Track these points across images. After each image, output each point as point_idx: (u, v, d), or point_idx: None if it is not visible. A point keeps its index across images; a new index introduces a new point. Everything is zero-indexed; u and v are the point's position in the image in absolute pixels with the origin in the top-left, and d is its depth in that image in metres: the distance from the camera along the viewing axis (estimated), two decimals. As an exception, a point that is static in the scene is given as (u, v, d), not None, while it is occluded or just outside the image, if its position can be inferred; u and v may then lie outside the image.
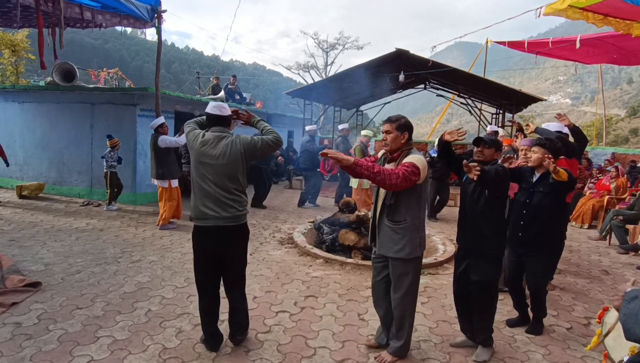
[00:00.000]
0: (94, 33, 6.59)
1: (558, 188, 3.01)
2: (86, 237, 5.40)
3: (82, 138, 8.06)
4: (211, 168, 2.67)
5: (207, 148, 2.68)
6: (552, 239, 3.18)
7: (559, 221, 3.20)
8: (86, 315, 3.21)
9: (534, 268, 3.18)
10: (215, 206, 2.66)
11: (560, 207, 3.15)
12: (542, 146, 3.10)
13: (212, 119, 2.80)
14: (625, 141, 43.30)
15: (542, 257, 3.15)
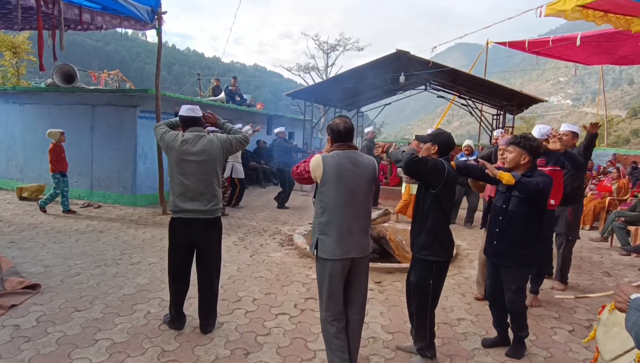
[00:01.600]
0: (95, 35, 6.59)
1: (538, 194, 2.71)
2: (86, 239, 5.39)
3: (83, 139, 8.05)
4: (192, 164, 2.92)
5: (188, 146, 2.93)
6: (529, 250, 2.82)
7: (536, 231, 2.85)
8: (85, 317, 3.20)
9: (508, 281, 2.87)
10: (194, 200, 2.93)
11: (538, 214, 2.80)
12: (517, 144, 2.81)
13: (189, 120, 3.06)
14: (626, 142, 43.24)
15: (518, 269, 2.85)
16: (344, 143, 2.51)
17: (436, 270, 2.65)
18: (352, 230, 2.46)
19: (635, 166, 10.59)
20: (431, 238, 2.62)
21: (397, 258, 5.07)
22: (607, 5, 3.72)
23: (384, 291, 4.07)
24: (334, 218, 2.44)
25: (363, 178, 2.48)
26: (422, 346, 2.72)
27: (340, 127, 2.49)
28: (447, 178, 2.57)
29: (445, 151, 2.73)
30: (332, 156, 2.47)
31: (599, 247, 6.43)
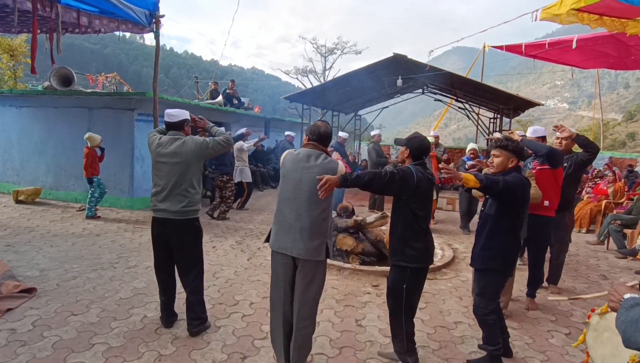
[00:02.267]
0: (93, 38, 6.59)
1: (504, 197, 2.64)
2: (82, 242, 5.37)
3: (80, 142, 8.00)
4: (165, 165, 3.01)
5: (162, 148, 3.04)
6: (496, 252, 2.72)
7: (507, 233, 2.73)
8: (81, 321, 3.18)
9: (476, 284, 2.84)
10: (166, 201, 2.99)
11: (508, 215, 2.71)
12: (504, 148, 2.77)
13: (167, 125, 3.19)
14: (622, 146, 43.50)
15: (484, 272, 2.78)
16: (313, 143, 2.56)
17: (410, 275, 2.61)
18: (291, 227, 2.46)
19: (631, 170, 10.66)
20: (401, 244, 2.60)
21: (395, 262, 5.07)
22: (602, 8, 3.75)
23: (381, 294, 4.07)
24: (279, 210, 2.53)
25: (314, 177, 2.39)
26: (401, 350, 2.69)
27: (322, 130, 2.56)
28: (418, 185, 2.52)
29: (418, 156, 2.68)
30: (296, 151, 2.58)
31: (595, 250, 6.45)
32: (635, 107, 64.38)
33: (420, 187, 2.54)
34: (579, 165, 4.02)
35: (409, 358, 2.67)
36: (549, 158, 3.62)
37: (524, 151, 2.86)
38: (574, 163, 4.01)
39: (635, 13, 3.81)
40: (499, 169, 2.79)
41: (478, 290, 2.81)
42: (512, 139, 2.81)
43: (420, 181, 2.53)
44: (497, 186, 2.58)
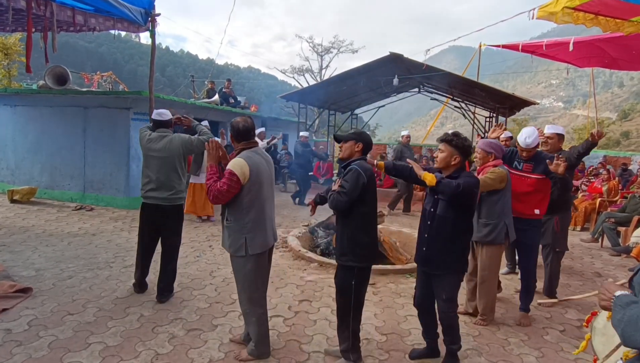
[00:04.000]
0: (88, 36, 6.55)
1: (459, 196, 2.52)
2: (78, 242, 5.35)
3: (75, 142, 7.99)
4: (155, 159, 3.52)
5: (152, 143, 3.56)
6: (458, 255, 2.66)
7: (465, 235, 2.68)
8: (77, 321, 3.17)
9: (438, 290, 2.72)
10: (156, 189, 3.52)
11: (466, 218, 2.65)
12: (448, 143, 2.61)
13: (156, 123, 3.70)
14: (616, 144, 43.83)
15: (448, 277, 2.69)
16: (249, 141, 2.72)
17: (358, 273, 2.62)
18: (273, 221, 2.83)
19: (625, 168, 10.74)
20: (352, 243, 2.58)
21: (391, 260, 5.09)
22: (598, 7, 3.77)
23: (377, 293, 4.08)
24: (261, 213, 2.68)
25: (272, 173, 2.83)
26: (345, 348, 2.68)
27: (240, 125, 2.67)
28: (365, 187, 2.53)
29: (367, 151, 2.70)
30: (250, 156, 2.63)
31: (589, 248, 6.51)
32: (629, 106, 64.88)
33: (368, 187, 2.56)
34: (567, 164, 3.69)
35: (351, 356, 2.68)
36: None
37: (470, 149, 2.64)
38: None
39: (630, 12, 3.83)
40: (441, 165, 2.67)
41: (446, 296, 2.68)
42: (459, 136, 2.64)
43: (370, 179, 2.56)
44: (450, 188, 2.49)
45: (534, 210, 3.57)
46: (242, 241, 2.61)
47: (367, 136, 2.74)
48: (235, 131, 2.68)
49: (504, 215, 3.29)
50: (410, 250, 5.61)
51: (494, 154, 3.35)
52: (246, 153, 2.65)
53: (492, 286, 3.42)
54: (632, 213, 6.35)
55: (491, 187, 3.19)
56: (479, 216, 3.32)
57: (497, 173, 3.20)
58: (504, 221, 3.28)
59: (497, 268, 3.44)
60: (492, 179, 3.17)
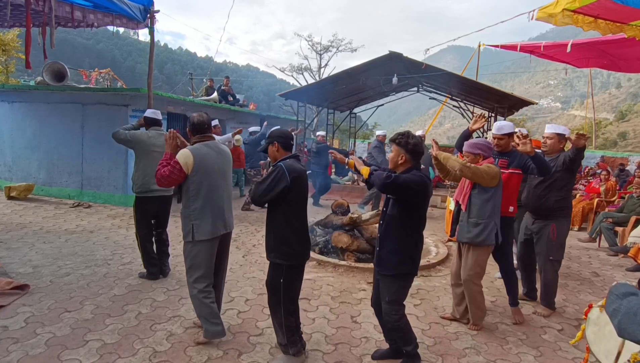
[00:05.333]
0: (86, 33, 6.52)
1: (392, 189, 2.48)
2: (76, 239, 5.32)
3: (73, 138, 7.95)
4: (158, 154, 3.80)
5: (153, 140, 4.00)
6: (403, 257, 2.58)
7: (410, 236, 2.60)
8: (75, 318, 3.16)
9: (383, 291, 2.66)
10: None
11: (411, 217, 2.57)
12: (396, 143, 2.57)
13: (152, 121, 4.15)
14: (613, 145, 43.98)
15: (392, 278, 2.63)
16: (204, 135, 2.91)
17: (286, 271, 2.61)
18: (223, 210, 2.92)
19: (623, 168, 10.79)
20: (278, 242, 2.59)
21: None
22: (597, 10, 3.76)
23: (376, 291, 4.08)
24: (208, 202, 2.82)
25: (227, 164, 2.97)
26: (282, 342, 2.70)
27: (195, 120, 2.90)
28: (293, 185, 2.51)
29: (287, 146, 2.68)
30: (197, 148, 2.83)
31: (587, 248, 6.53)
32: (626, 107, 65.13)
33: (294, 182, 2.52)
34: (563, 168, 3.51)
35: (290, 350, 2.68)
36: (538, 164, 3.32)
37: (418, 148, 2.54)
38: (556, 165, 3.54)
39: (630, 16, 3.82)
40: (391, 166, 2.64)
41: (389, 298, 2.61)
42: (405, 135, 2.57)
43: (297, 176, 2.53)
44: (380, 179, 2.44)
45: (509, 208, 3.45)
46: (189, 228, 2.81)
47: (278, 132, 2.71)
48: (191, 125, 2.92)
49: (494, 215, 3.17)
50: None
51: (482, 154, 3.22)
52: (197, 145, 2.86)
53: (478, 290, 3.25)
54: (629, 213, 6.37)
55: (482, 179, 3.04)
56: (469, 215, 3.19)
57: (492, 168, 3.10)
58: (494, 221, 3.16)
59: (482, 271, 3.25)
60: (486, 172, 3.04)
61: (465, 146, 3.28)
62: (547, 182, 3.56)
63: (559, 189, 3.55)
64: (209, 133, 2.94)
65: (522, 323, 3.48)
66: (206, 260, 2.85)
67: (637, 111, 58.38)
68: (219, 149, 2.96)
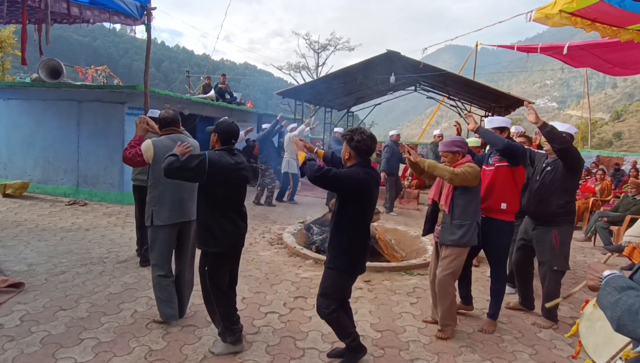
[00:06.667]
0: (82, 30, 6.47)
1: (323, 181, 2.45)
2: (71, 237, 5.30)
3: (69, 136, 7.91)
4: None
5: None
6: (338, 252, 2.57)
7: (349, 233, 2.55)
8: (70, 316, 3.15)
9: (321, 282, 2.67)
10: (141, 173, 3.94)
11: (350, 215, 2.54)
12: (344, 139, 2.57)
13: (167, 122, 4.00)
14: (609, 144, 44.22)
15: (327, 271, 2.63)
16: (170, 128, 3.14)
17: (210, 258, 2.67)
18: (182, 199, 3.05)
19: (618, 168, 10.85)
20: (202, 229, 2.67)
21: (386, 257, 5.11)
22: (595, 13, 3.76)
23: (372, 289, 4.09)
24: (167, 190, 2.98)
25: None
26: (221, 331, 2.77)
27: (162, 116, 3.15)
28: (211, 170, 2.55)
29: (226, 140, 2.73)
30: (160, 139, 3.05)
31: (582, 247, 6.57)
32: (622, 107, 65.47)
33: (214, 173, 2.55)
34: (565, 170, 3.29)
35: (228, 338, 2.73)
36: (505, 153, 3.23)
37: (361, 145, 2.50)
38: (557, 167, 3.33)
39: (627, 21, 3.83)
40: (344, 161, 2.64)
41: (321, 290, 2.62)
42: (352, 131, 2.57)
43: (214, 166, 2.56)
44: (311, 170, 2.44)
45: (501, 204, 3.28)
46: (149, 213, 3.00)
47: (223, 125, 2.75)
48: (158, 120, 3.21)
49: (477, 215, 3.09)
50: (405, 248, 5.63)
51: (461, 151, 3.10)
52: (162, 137, 3.09)
53: (451, 292, 3.10)
54: (624, 212, 6.41)
55: (468, 181, 2.95)
56: (452, 217, 3.03)
57: (474, 167, 2.99)
58: (476, 220, 3.07)
59: (458, 271, 3.12)
60: (470, 173, 2.93)
61: (442, 146, 3.15)
62: (549, 185, 3.35)
63: (561, 193, 3.32)
64: (173, 127, 3.17)
65: (491, 333, 3.30)
66: (162, 245, 3.02)
67: (633, 111, 58.72)
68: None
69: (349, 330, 2.66)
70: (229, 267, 2.79)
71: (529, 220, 3.59)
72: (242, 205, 2.85)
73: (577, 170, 3.37)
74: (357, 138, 2.51)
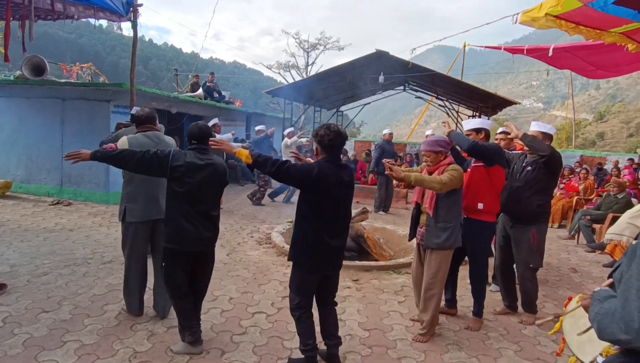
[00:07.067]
0: (68, 27, 6.34)
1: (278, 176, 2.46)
2: (55, 238, 5.19)
3: (52, 134, 7.76)
4: None
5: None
6: (301, 249, 2.53)
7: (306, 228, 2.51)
8: (53, 318, 3.08)
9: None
10: None
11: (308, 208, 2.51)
12: (313, 135, 2.61)
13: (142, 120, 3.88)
14: (592, 144, 45.12)
15: (293, 267, 2.62)
16: (146, 126, 3.17)
17: (167, 254, 2.70)
18: (156, 197, 3.07)
19: (601, 168, 11.09)
20: (168, 226, 2.69)
21: (375, 256, 5.13)
22: (578, 17, 3.83)
23: (361, 289, 4.10)
24: (141, 187, 3.02)
25: None
26: (179, 328, 2.77)
27: (136, 113, 3.24)
28: (173, 167, 2.60)
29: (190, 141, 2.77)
30: (136, 136, 3.08)
31: (566, 244, 6.69)
32: (605, 108, 66.90)
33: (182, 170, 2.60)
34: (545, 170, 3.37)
35: (185, 337, 2.71)
36: (472, 154, 3.29)
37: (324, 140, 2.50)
38: (538, 167, 3.39)
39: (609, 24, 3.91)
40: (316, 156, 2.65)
41: (289, 284, 2.66)
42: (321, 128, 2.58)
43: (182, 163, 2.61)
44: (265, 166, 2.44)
45: (478, 205, 3.31)
46: (122, 209, 3.06)
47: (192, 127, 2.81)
48: (135, 118, 3.27)
49: (460, 216, 3.10)
50: (393, 246, 5.66)
51: (443, 151, 3.08)
52: (137, 134, 3.14)
53: (438, 297, 3.10)
54: (606, 210, 6.55)
55: (455, 186, 2.93)
56: (436, 220, 3.00)
57: (458, 170, 2.98)
58: (459, 222, 3.07)
59: (445, 274, 3.11)
60: (456, 177, 2.91)
61: (425, 145, 3.12)
62: (529, 185, 3.39)
63: (541, 193, 3.38)
64: (149, 125, 3.20)
65: (477, 330, 3.34)
66: (132, 240, 3.08)
67: (615, 112, 60.05)
68: (159, 140, 3.15)
69: (307, 340, 2.58)
70: (188, 267, 2.74)
71: (506, 219, 3.61)
72: (209, 208, 2.74)
73: (558, 171, 3.49)
74: (321, 133, 2.53)
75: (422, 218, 3.15)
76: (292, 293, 2.62)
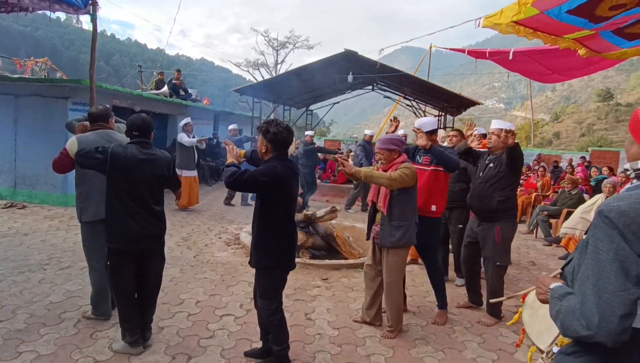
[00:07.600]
0: (22, 19, 5.97)
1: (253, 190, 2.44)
2: (7, 243, 4.88)
3: (5, 133, 7.29)
4: None
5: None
6: (265, 251, 2.49)
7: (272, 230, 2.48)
8: (7, 328, 2.90)
9: (255, 285, 2.63)
10: None
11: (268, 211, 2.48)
12: (260, 132, 2.48)
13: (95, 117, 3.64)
14: (549, 143, 47.46)
15: (259, 272, 2.56)
16: (98, 124, 3.10)
17: (114, 255, 2.67)
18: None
19: (556, 165, 11.70)
20: (109, 225, 2.66)
21: (344, 255, 5.16)
22: (536, 23, 4.04)
23: (330, 287, 4.12)
24: (93, 186, 2.94)
25: None
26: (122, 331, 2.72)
27: (90, 111, 3.22)
28: (112, 162, 2.56)
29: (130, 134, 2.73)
30: (86, 135, 3.01)
31: (525, 239, 7.02)
32: (560, 109, 70.57)
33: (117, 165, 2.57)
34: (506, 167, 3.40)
35: (125, 338, 2.68)
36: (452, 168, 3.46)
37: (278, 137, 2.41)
38: (499, 163, 3.45)
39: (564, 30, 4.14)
40: (260, 155, 2.57)
41: (259, 291, 2.56)
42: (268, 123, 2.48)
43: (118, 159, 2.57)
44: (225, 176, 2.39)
45: (431, 207, 3.42)
46: (78, 210, 3.03)
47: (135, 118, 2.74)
48: (88, 116, 3.21)
49: (415, 215, 3.11)
50: (362, 245, 5.72)
51: (397, 149, 3.08)
52: (88, 133, 3.05)
53: (398, 293, 3.17)
54: (561, 206, 6.92)
55: (406, 184, 2.94)
56: (390, 219, 3.02)
57: (410, 168, 2.99)
58: (414, 220, 3.09)
59: (403, 271, 3.18)
60: (407, 175, 2.93)
61: (380, 143, 3.11)
62: (490, 181, 3.43)
63: (502, 189, 3.40)
64: (101, 123, 3.11)
65: (443, 325, 3.42)
66: (90, 240, 3.03)
67: (569, 113, 63.41)
68: (110, 138, 3.03)
69: (284, 338, 2.58)
70: (132, 267, 2.68)
71: (474, 218, 3.72)
72: (152, 203, 2.69)
73: (517, 168, 3.46)
74: (274, 130, 2.40)
75: (378, 216, 3.20)
76: (267, 300, 2.52)
